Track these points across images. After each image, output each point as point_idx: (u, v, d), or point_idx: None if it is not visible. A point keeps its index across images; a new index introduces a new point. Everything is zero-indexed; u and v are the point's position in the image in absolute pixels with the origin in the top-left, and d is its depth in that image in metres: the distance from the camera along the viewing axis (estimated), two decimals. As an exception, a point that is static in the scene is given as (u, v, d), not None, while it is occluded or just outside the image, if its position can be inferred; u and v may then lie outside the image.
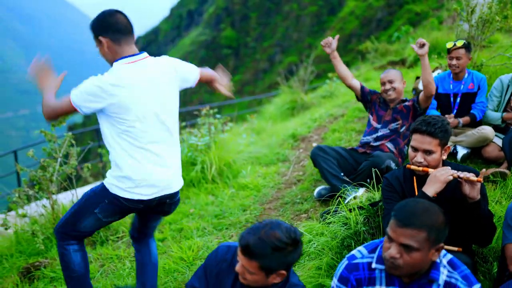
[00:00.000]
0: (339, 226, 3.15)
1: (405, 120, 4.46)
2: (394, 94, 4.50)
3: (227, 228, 4.43)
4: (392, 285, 2.12)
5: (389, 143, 4.43)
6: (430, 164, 2.80)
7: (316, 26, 50.07)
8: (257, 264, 2.10)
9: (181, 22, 68.66)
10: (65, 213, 3.09)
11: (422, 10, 34.88)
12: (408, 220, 1.98)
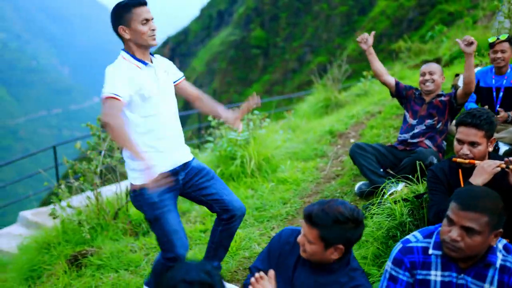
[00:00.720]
0: (383, 217, 3.21)
1: (441, 116, 4.45)
2: (432, 86, 4.50)
3: (268, 221, 4.53)
4: (448, 271, 2.18)
5: (427, 140, 4.44)
6: (476, 156, 2.85)
7: (346, 26, 49.75)
8: (317, 233, 2.21)
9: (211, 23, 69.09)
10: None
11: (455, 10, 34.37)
12: (471, 204, 2.04)
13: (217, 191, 3.20)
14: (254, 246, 4.09)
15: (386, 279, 2.30)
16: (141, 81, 2.91)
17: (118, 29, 2.93)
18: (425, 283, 2.23)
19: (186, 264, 1.56)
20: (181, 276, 1.50)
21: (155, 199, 2.98)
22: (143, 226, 5.31)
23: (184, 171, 3.14)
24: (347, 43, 44.21)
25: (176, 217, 3.08)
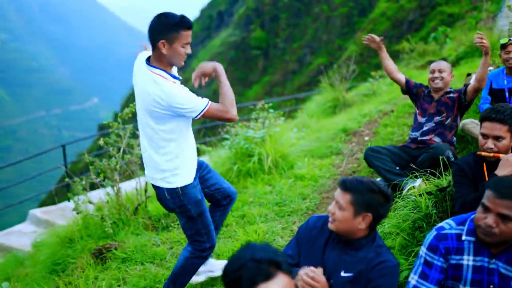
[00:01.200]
0: (409, 210, 3.34)
1: (450, 112, 4.56)
2: (441, 84, 4.61)
3: (289, 215, 4.66)
4: (480, 256, 2.31)
5: (436, 137, 4.56)
6: (500, 150, 2.98)
7: (346, 27, 49.87)
8: (350, 198, 2.42)
9: (211, 23, 69.16)
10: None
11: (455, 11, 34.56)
12: (507, 193, 2.17)
13: (217, 181, 3.51)
14: (278, 239, 4.22)
15: (421, 264, 2.43)
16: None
17: (158, 41, 2.99)
18: (458, 268, 2.36)
19: (251, 246, 1.68)
20: (249, 256, 1.61)
21: (199, 197, 3.26)
22: (162, 221, 5.43)
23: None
24: (347, 44, 44.36)
25: (208, 212, 3.39)
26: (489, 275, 2.30)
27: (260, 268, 1.56)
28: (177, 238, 4.76)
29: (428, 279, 2.39)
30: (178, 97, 2.97)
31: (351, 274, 2.47)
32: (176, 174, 3.19)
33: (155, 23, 3.01)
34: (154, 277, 4.07)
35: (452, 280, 2.39)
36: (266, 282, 1.55)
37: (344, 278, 2.47)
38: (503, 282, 2.27)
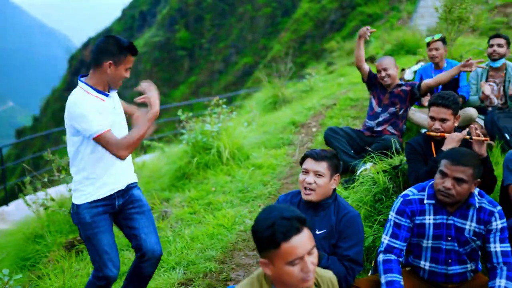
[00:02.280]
0: (369, 186, 3.85)
1: (403, 104, 5.13)
2: (389, 80, 5.17)
3: (253, 200, 5.06)
4: (439, 215, 2.82)
5: (390, 126, 5.12)
6: (446, 130, 3.55)
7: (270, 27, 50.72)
8: (326, 164, 2.91)
9: (134, 23, 67.97)
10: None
11: (374, 12, 36.33)
12: (460, 160, 2.69)
13: (139, 227, 3.19)
14: (247, 221, 4.61)
15: (391, 226, 2.91)
16: (104, 113, 3.00)
17: (105, 61, 2.97)
18: (422, 226, 2.86)
19: (276, 207, 2.04)
20: (277, 215, 1.97)
21: (88, 220, 3.06)
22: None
23: (122, 198, 3.20)
24: (272, 43, 45.30)
25: (109, 238, 3.13)
26: (447, 229, 2.82)
27: (291, 224, 1.93)
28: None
29: (398, 238, 2.87)
30: (78, 112, 2.91)
31: (325, 230, 2.94)
32: (76, 189, 3.11)
33: (105, 43, 2.98)
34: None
35: (417, 237, 2.89)
36: (297, 235, 1.92)
37: (320, 235, 2.93)
38: (458, 233, 2.80)
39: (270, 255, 1.93)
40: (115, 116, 3.11)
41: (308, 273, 1.93)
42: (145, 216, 3.24)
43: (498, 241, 2.77)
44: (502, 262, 2.74)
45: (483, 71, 5.25)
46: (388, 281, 2.76)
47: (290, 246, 1.90)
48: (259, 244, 1.97)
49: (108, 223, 3.15)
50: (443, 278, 2.89)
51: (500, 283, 2.68)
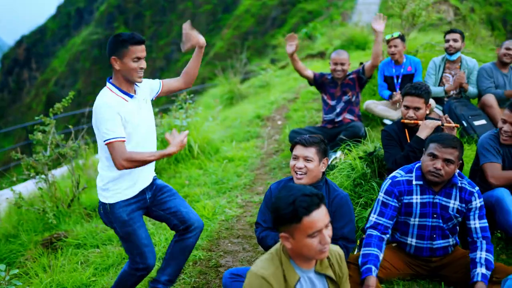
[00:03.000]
0: (348, 171, 4.11)
1: (354, 90, 5.51)
2: (342, 74, 5.50)
3: (230, 191, 5.23)
4: (426, 194, 3.10)
5: (348, 114, 5.46)
6: (419, 117, 3.86)
7: (212, 24, 50.60)
8: (314, 150, 3.08)
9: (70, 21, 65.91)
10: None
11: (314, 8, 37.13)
12: (449, 142, 2.98)
13: (175, 205, 3.36)
14: (227, 211, 4.77)
15: (379, 205, 3.17)
16: (127, 115, 3.07)
17: (110, 58, 3.07)
18: (409, 205, 3.13)
19: (294, 186, 2.22)
20: (298, 193, 2.16)
21: (126, 218, 3.19)
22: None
23: (150, 191, 3.34)
24: (214, 40, 45.27)
25: (145, 231, 3.29)
26: (433, 207, 3.11)
27: (312, 200, 2.12)
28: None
29: (384, 215, 3.14)
30: (100, 117, 3.02)
31: None
32: (107, 189, 3.20)
33: (109, 42, 3.11)
34: (119, 255, 4.38)
35: (404, 216, 3.17)
36: (316, 210, 2.12)
37: None
38: (443, 210, 3.10)
39: (291, 229, 2.11)
40: (140, 118, 3.15)
41: (325, 245, 2.13)
42: (177, 197, 3.42)
43: (477, 218, 3.10)
44: (481, 237, 3.07)
45: (440, 63, 5.64)
46: (364, 254, 3.03)
47: (311, 220, 2.08)
48: (280, 220, 2.14)
49: (142, 218, 3.31)
50: (428, 253, 3.19)
51: (481, 255, 3.00)
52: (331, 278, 2.32)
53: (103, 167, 3.22)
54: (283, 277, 2.19)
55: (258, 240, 3.25)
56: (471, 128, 5.16)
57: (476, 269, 2.96)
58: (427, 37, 8.51)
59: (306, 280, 2.25)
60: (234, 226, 4.52)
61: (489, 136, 3.66)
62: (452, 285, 3.17)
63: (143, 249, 3.24)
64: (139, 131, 3.15)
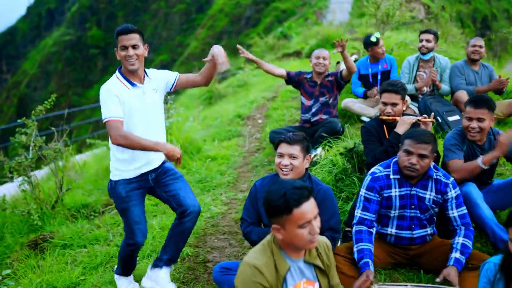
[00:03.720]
0: (329, 167, 4.26)
1: (331, 93, 5.65)
2: (323, 68, 5.64)
3: (214, 189, 5.34)
4: (404, 187, 3.27)
5: (324, 115, 5.61)
6: (396, 113, 4.03)
7: (185, 24, 50.41)
8: (299, 147, 3.22)
9: (41, 22, 64.81)
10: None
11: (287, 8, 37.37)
12: (422, 138, 3.15)
13: (175, 188, 3.53)
14: (212, 208, 4.88)
15: (362, 201, 3.33)
16: (126, 99, 3.29)
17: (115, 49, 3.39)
18: (389, 198, 3.30)
19: (285, 181, 2.35)
20: (289, 186, 2.29)
21: (123, 194, 3.43)
22: (82, 212, 5.73)
23: (155, 172, 3.54)
24: (188, 40, 45.20)
25: (139, 210, 3.49)
26: (411, 199, 3.28)
27: (302, 192, 2.26)
28: (112, 221, 5.14)
29: (368, 210, 3.29)
30: (101, 98, 3.29)
31: None
32: (113, 167, 3.47)
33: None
34: (106, 254, 4.45)
35: (385, 209, 3.33)
36: (306, 201, 2.25)
37: None
38: (420, 201, 3.28)
39: (283, 220, 2.25)
40: (142, 105, 3.37)
41: (315, 235, 2.27)
42: (180, 181, 3.60)
43: (455, 207, 3.28)
44: (461, 224, 3.26)
45: (414, 62, 5.85)
46: (359, 249, 3.18)
47: (301, 211, 2.22)
48: (272, 212, 2.28)
49: (140, 197, 3.52)
50: (407, 241, 3.36)
51: (458, 240, 3.18)
52: (320, 267, 2.45)
53: (112, 148, 3.46)
54: (274, 266, 2.32)
55: (243, 235, 3.39)
56: (445, 124, 5.37)
57: (452, 253, 3.14)
58: (401, 35, 8.75)
59: (296, 269, 2.38)
60: (219, 222, 4.63)
61: (452, 134, 3.83)
62: (431, 272, 3.34)
63: (133, 226, 3.46)
64: (141, 118, 3.36)
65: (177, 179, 3.61)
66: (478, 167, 3.54)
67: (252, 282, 2.25)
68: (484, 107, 3.63)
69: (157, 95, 3.49)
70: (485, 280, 2.47)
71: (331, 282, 2.54)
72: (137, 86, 3.37)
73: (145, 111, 3.39)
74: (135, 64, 3.32)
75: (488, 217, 3.49)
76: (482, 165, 3.53)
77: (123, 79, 3.36)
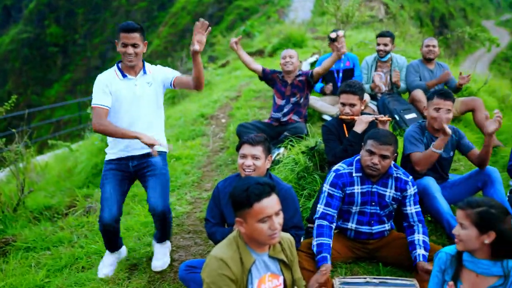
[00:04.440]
0: (292, 166, 4.37)
1: (302, 93, 5.75)
2: (292, 67, 5.71)
3: (178, 188, 5.38)
4: (365, 185, 3.41)
5: (295, 115, 5.71)
6: (354, 113, 4.18)
7: (147, 21, 49.83)
8: (261, 148, 3.30)
9: (-4, 19, 62.94)
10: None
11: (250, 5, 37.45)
12: (384, 140, 3.28)
13: (148, 185, 3.77)
14: (177, 208, 4.93)
15: (325, 197, 3.44)
16: (115, 89, 3.64)
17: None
18: (352, 195, 3.43)
19: (251, 177, 2.44)
20: (252, 181, 2.38)
21: (103, 172, 3.84)
22: (45, 213, 5.69)
23: (137, 161, 3.82)
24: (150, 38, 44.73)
25: (111, 188, 3.73)
26: (372, 196, 3.42)
27: (264, 188, 2.35)
28: (76, 222, 5.12)
29: (330, 206, 3.42)
30: (94, 86, 3.66)
31: None
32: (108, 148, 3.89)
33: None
34: (71, 256, 4.43)
35: (347, 205, 3.47)
36: (267, 197, 2.35)
37: None
38: (380, 198, 3.43)
39: (244, 214, 2.35)
40: (132, 96, 3.68)
41: (275, 231, 2.37)
42: (155, 177, 3.77)
43: (412, 204, 3.44)
44: (417, 220, 3.41)
45: (372, 62, 6.03)
46: (318, 243, 3.30)
47: (261, 206, 2.32)
48: (235, 205, 2.39)
49: (116, 178, 3.79)
50: (366, 236, 3.50)
51: (419, 237, 3.33)
52: (284, 261, 2.55)
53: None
54: (240, 259, 2.40)
55: (208, 235, 3.47)
56: (403, 122, 5.56)
57: (416, 250, 3.28)
58: (360, 35, 8.95)
59: (261, 262, 2.48)
60: (184, 222, 4.69)
61: (413, 128, 4.01)
62: (389, 265, 3.49)
63: (103, 202, 3.72)
64: (129, 108, 3.68)
65: (154, 175, 3.79)
66: (432, 153, 3.73)
67: (218, 275, 2.33)
68: (451, 99, 3.85)
69: (151, 89, 3.76)
70: (437, 269, 2.62)
71: (294, 276, 2.64)
72: (129, 78, 3.69)
73: (134, 102, 3.69)
74: (133, 61, 3.63)
75: (445, 209, 3.67)
76: (435, 150, 3.71)
77: (118, 71, 3.70)
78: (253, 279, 2.45)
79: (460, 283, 2.51)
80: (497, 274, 2.46)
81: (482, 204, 2.41)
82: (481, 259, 2.46)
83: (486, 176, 3.84)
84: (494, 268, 2.46)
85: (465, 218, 2.42)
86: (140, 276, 3.86)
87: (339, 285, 3.00)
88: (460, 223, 2.46)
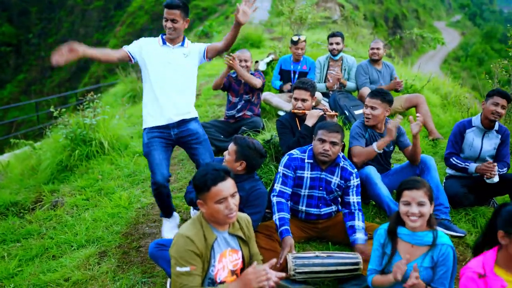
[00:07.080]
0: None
1: (254, 92, 6.14)
2: (246, 70, 6.09)
3: (143, 182, 5.66)
4: (315, 171, 3.81)
5: (248, 111, 6.09)
6: (306, 108, 4.58)
7: (104, 21, 49.30)
8: (235, 148, 3.57)
9: None
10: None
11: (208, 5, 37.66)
12: (333, 128, 3.71)
13: (197, 153, 4.23)
14: (142, 200, 5.22)
15: (281, 177, 3.83)
16: (149, 50, 4.13)
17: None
18: (301, 178, 3.83)
19: (211, 163, 2.79)
20: (211, 167, 2.72)
21: (146, 141, 4.16)
22: (11, 209, 5.86)
23: (177, 128, 4.18)
24: (107, 38, 44.28)
25: (159, 154, 4.10)
26: (319, 182, 3.83)
27: (219, 173, 2.70)
28: (44, 216, 5.33)
29: (286, 185, 3.81)
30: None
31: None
32: (144, 116, 4.22)
33: None
34: (41, 246, 4.65)
35: (296, 187, 3.86)
36: (222, 181, 2.69)
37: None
38: (327, 184, 3.84)
39: (204, 196, 2.70)
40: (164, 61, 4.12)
41: (231, 211, 2.72)
42: (201, 145, 4.24)
43: (354, 194, 3.88)
44: (357, 209, 3.84)
45: (325, 61, 6.48)
46: (280, 217, 3.69)
47: (217, 189, 2.67)
48: (196, 189, 2.74)
49: (162, 145, 4.14)
50: (315, 217, 3.92)
51: (359, 223, 3.76)
52: (242, 238, 2.91)
53: (144, 99, 4.24)
54: (203, 236, 2.75)
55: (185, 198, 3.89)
56: (352, 117, 6.02)
57: (356, 234, 3.70)
58: (314, 36, 9.40)
59: (222, 239, 2.83)
60: (149, 212, 4.98)
61: (357, 124, 4.45)
62: (337, 244, 3.92)
63: (153, 166, 4.07)
64: (162, 70, 4.10)
65: (200, 143, 4.25)
66: (373, 151, 4.19)
67: (185, 251, 2.66)
68: (378, 98, 4.28)
69: (185, 59, 4.18)
70: (377, 244, 3.04)
71: (251, 251, 3.01)
72: (167, 46, 4.15)
73: (167, 66, 4.11)
74: (172, 34, 4.09)
75: (385, 194, 4.10)
76: (376, 149, 4.17)
77: (161, 39, 4.17)
78: (216, 253, 2.79)
79: (399, 257, 2.93)
80: (428, 244, 2.89)
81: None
82: (419, 231, 2.89)
83: (423, 163, 4.31)
84: (426, 238, 2.89)
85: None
86: (109, 261, 4.14)
87: (292, 259, 3.38)
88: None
